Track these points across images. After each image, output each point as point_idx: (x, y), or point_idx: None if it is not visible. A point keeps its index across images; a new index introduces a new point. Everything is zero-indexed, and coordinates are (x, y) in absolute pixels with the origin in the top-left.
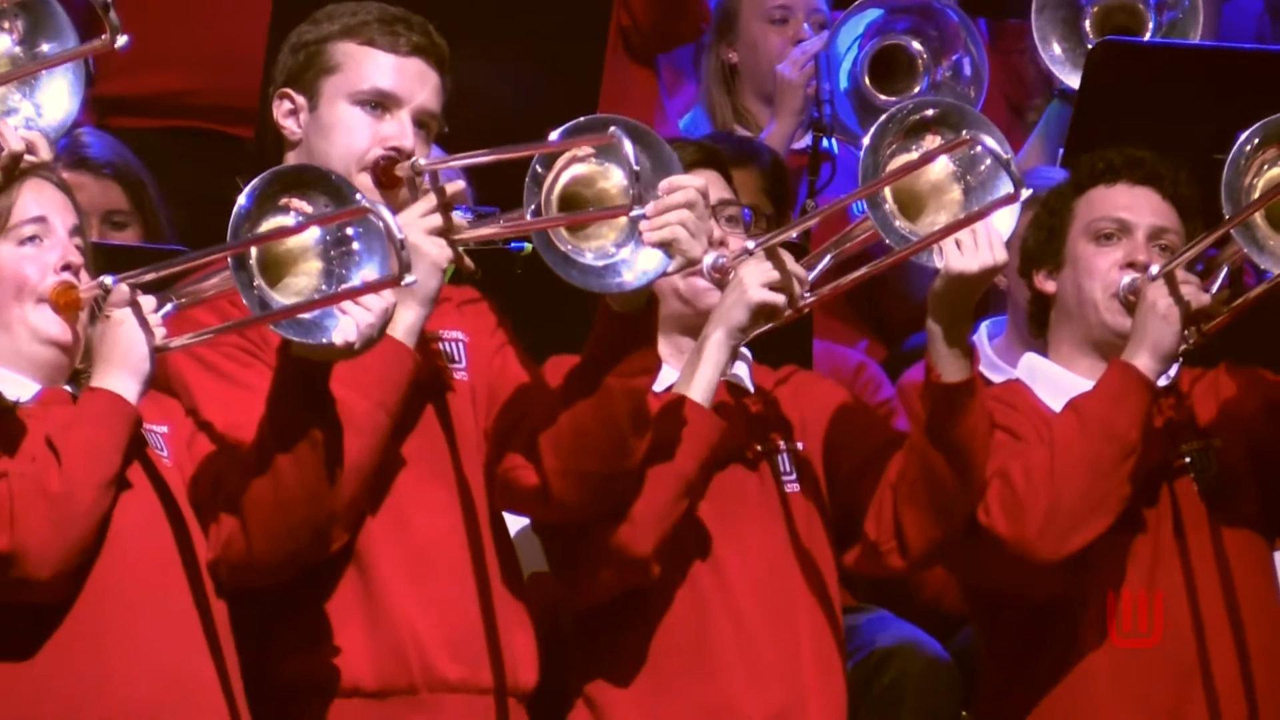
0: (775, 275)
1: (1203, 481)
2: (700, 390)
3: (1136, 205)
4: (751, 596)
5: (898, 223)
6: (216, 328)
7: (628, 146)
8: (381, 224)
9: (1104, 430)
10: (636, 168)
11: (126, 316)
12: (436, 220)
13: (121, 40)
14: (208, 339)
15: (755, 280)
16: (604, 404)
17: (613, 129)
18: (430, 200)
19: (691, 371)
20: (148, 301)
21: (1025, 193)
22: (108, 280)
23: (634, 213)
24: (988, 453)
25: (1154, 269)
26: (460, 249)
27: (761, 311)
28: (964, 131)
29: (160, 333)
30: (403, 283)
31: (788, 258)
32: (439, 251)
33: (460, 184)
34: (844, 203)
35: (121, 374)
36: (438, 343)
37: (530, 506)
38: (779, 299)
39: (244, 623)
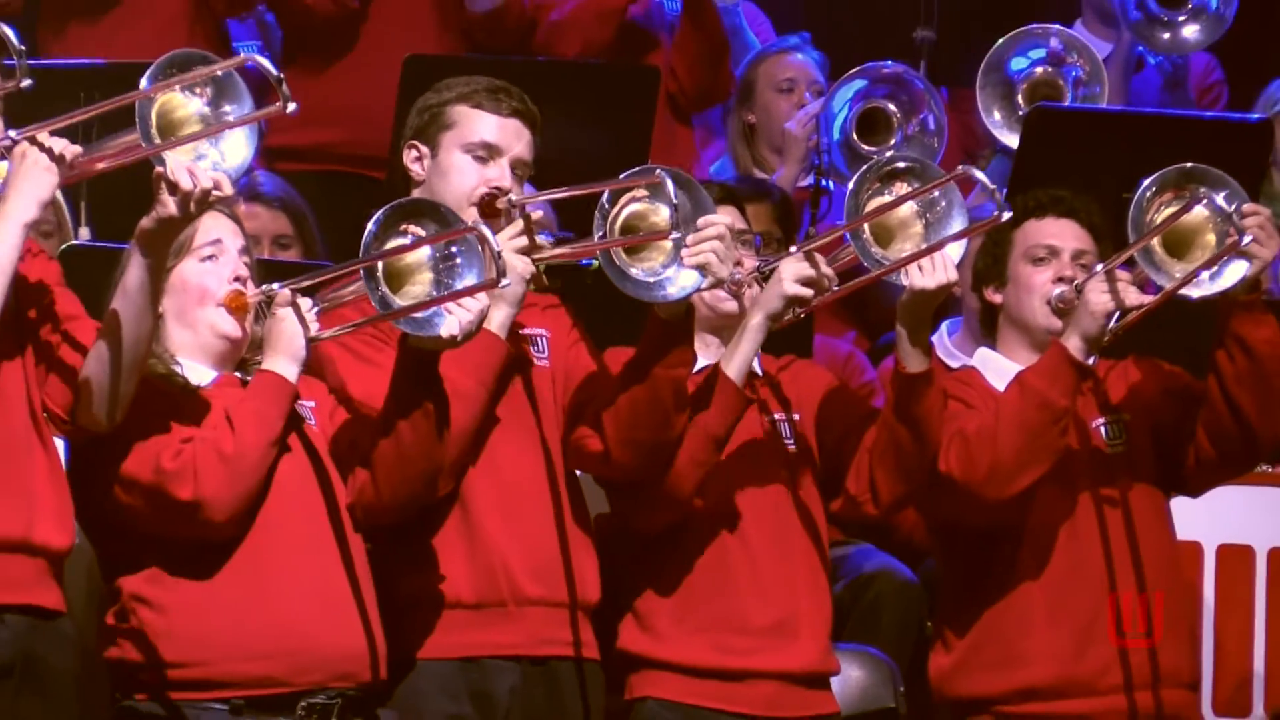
0: (811, 273)
1: (1115, 444)
2: (738, 362)
3: (1062, 233)
4: (760, 533)
5: (874, 249)
6: (353, 323)
7: (670, 185)
8: (483, 241)
9: (1039, 399)
10: (676, 201)
11: (288, 314)
12: (523, 241)
13: (291, 107)
14: (348, 332)
15: (791, 276)
16: (652, 389)
17: (659, 170)
18: (518, 225)
19: (735, 348)
20: (305, 303)
21: (1006, 215)
22: (275, 286)
23: (674, 236)
24: (941, 426)
25: (1097, 267)
26: (540, 266)
27: (794, 301)
28: (921, 181)
29: (314, 326)
30: (499, 286)
31: (821, 260)
32: (523, 265)
33: (541, 213)
34: (836, 234)
35: (284, 359)
36: (527, 338)
37: (595, 468)
38: (808, 292)
39: (372, 552)
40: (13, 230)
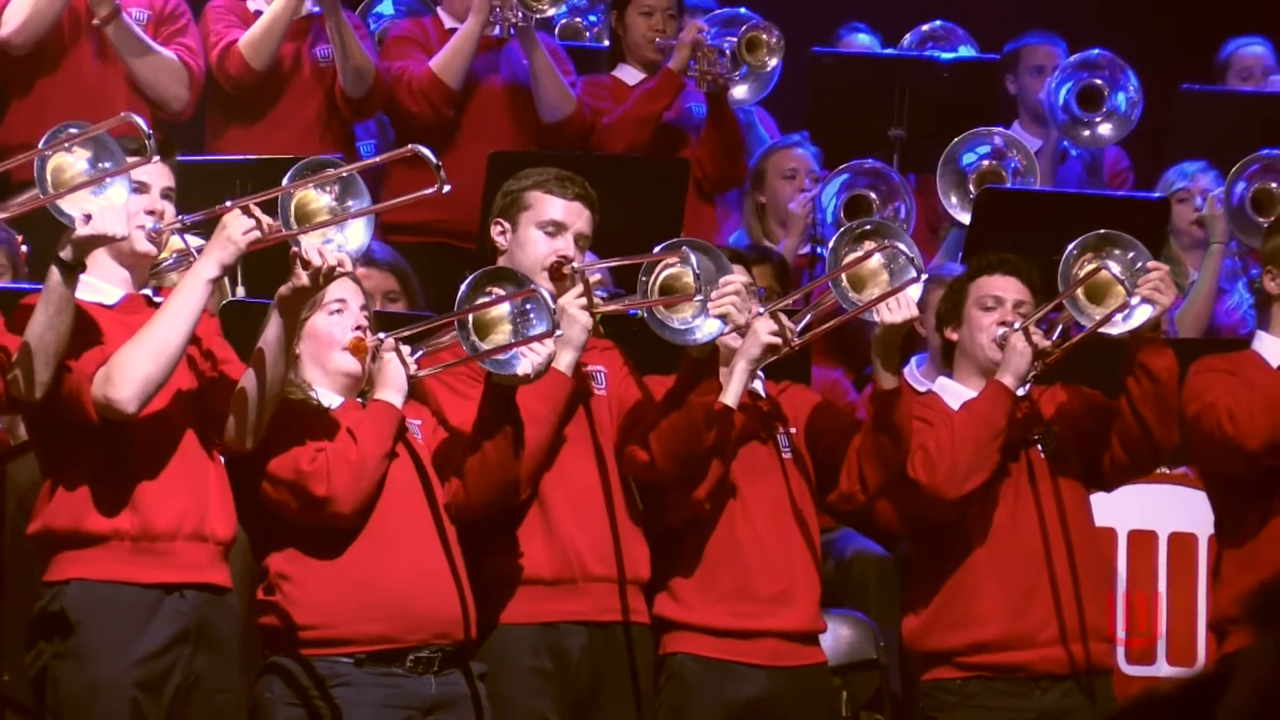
0: (776, 326)
1: (1046, 451)
2: (730, 397)
3: (1006, 287)
4: (764, 523)
5: (850, 294)
6: (446, 364)
7: (693, 258)
8: (545, 299)
9: (984, 420)
10: (699, 271)
11: (393, 358)
12: (584, 300)
13: (447, 188)
14: (442, 370)
15: (763, 331)
16: (687, 412)
17: (683, 247)
18: (580, 288)
19: (726, 385)
20: (405, 349)
21: (923, 277)
22: (382, 335)
23: (697, 298)
24: (911, 430)
25: (1016, 324)
26: (598, 317)
27: (767, 351)
28: (886, 240)
29: (413, 367)
30: (555, 334)
31: (783, 317)
32: (584, 319)
33: (599, 275)
34: (820, 283)
35: (391, 392)
36: (589, 374)
37: (643, 474)
38: (777, 341)
39: (468, 539)
40: (199, 285)
